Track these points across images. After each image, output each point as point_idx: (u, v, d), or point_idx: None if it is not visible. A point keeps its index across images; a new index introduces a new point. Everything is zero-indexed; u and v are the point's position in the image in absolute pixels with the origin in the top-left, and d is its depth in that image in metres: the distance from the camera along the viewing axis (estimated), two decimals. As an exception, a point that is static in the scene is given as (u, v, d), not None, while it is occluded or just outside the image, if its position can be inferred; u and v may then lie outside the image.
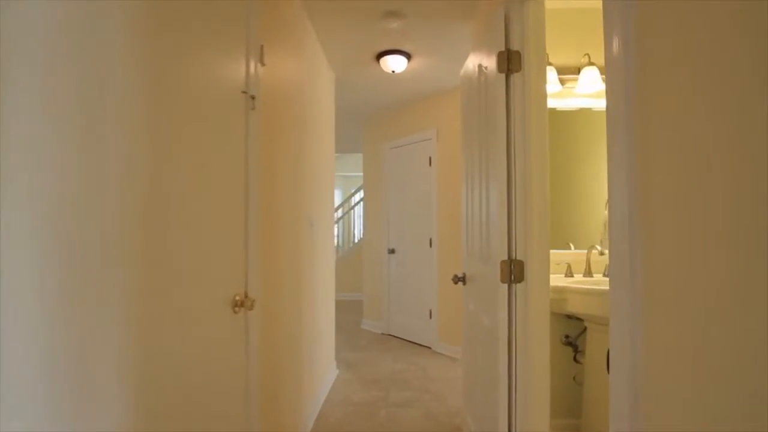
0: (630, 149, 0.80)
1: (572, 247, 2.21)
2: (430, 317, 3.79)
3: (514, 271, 1.44)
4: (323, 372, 2.77)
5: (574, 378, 2.16)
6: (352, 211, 6.82)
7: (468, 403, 2.02)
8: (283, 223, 1.91)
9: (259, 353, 1.27)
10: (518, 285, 1.45)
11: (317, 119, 2.64)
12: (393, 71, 2.84)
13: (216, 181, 1.00)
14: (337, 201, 6.72)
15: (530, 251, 1.44)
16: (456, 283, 1.98)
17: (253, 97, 1.18)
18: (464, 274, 2.02)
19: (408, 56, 2.80)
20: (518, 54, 1.45)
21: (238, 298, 1.08)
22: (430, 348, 3.80)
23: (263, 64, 1.39)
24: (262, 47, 1.34)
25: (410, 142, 3.98)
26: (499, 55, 1.47)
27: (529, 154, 1.45)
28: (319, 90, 2.70)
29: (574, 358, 2.13)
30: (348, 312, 5.41)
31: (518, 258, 1.45)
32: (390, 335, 4.25)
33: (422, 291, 3.87)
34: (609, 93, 0.86)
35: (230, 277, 1.08)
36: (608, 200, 0.89)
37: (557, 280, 1.99)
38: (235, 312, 1.07)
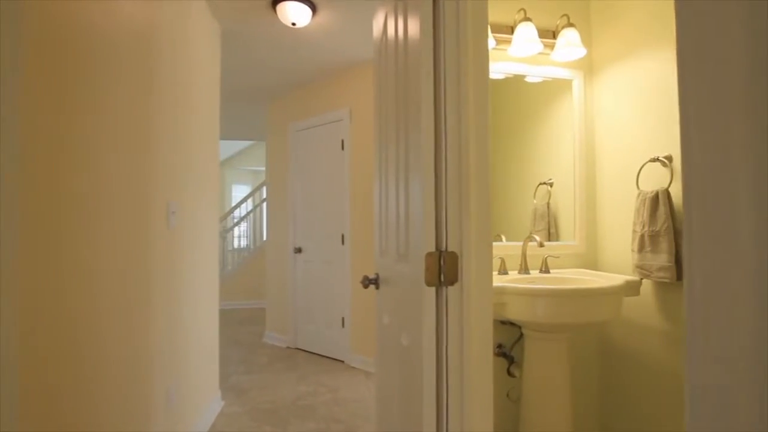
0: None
1: (504, 239, 1.87)
2: (343, 326, 3.28)
3: (444, 269, 0.99)
4: (196, 407, 2.09)
5: (507, 394, 1.80)
6: (261, 208, 6.03)
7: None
8: (103, 212, 1.25)
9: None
10: (451, 288, 0.99)
11: (187, 78, 1.97)
12: (294, 24, 2.27)
13: None
14: (247, 198, 5.89)
15: (467, 241, 1.00)
16: (366, 286, 1.49)
17: None
18: (377, 275, 1.54)
19: (312, 6, 2.26)
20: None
21: None
22: (343, 362, 3.29)
23: None
24: None
25: (320, 123, 3.43)
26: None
27: (466, 114, 1.01)
28: (191, 40, 2.03)
29: (508, 371, 1.78)
30: (251, 323, 4.67)
31: (450, 250, 0.99)
32: (297, 349, 3.64)
33: (334, 296, 3.34)
34: None
35: None
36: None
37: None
38: None
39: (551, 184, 1.92)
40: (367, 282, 1.50)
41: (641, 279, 1.59)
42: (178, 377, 1.87)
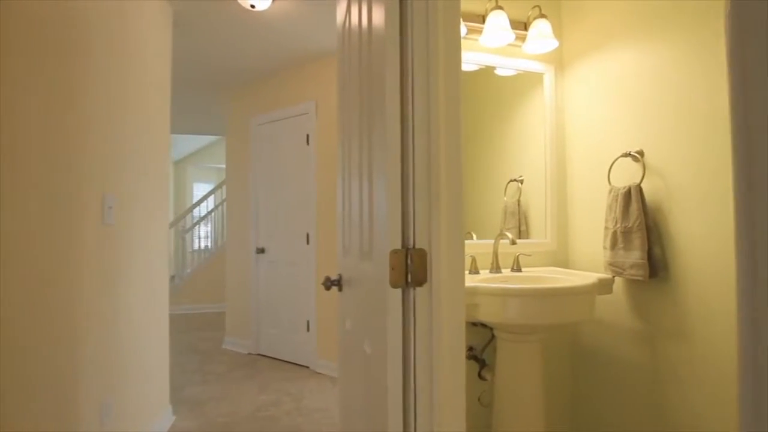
0: None
1: (475, 237, 1.79)
2: (308, 330, 3.13)
3: (411, 268, 0.88)
4: (142, 423, 1.89)
5: (479, 399, 1.72)
6: (224, 207, 5.74)
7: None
8: (17, 203, 1.06)
9: None
10: (419, 290, 0.88)
11: (125, 64, 1.77)
12: (253, 6, 2.11)
13: None
14: (210, 197, 5.57)
15: (437, 236, 0.89)
16: (328, 288, 1.36)
17: None
18: (339, 276, 1.41)
19: (272, -12, 2.10)
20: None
21: None
22: (308, 368, 3.13)
23: None
24: None
25: (284, 117, 3.26)
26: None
27: (436, 97, 0.90)
28: (131, 21, 1.83)
29: (479, 375, 1.70)
30: (211, 328, 4.41)
31: (418, 246, 0.88)
32: (259, 355, 3.45)
33: (298, 298, 3.18)
34: None
35: None
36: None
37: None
38: None
39: (522, 181, 1.86)
40: (329, 283, 1.37)
41: (614, 277, 1.55)
42: (117, 391, 1.67)
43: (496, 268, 1.65)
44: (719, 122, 1.30)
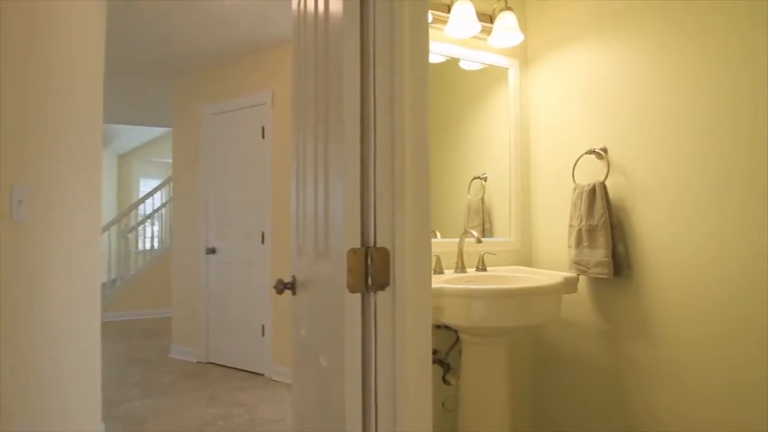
0: None
1: (439, 235, 1.71)
2: (263, 335, 2.94)
3: (372, 270, 0.77)
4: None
5: (443, 404, 1.64)
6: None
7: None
8: None
9: None
10: (381, 294, 0.78)
11: (48, 35, 1.53)
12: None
13: None
14: (157, 193, 5.17)
15: (402, 235, 0.79)
16: (280, 292, 1.23)
17: None
18: (293, 278, 1.28)
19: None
20: None
21: None
22: (263, 375, 2.94)
23: None
24: None
25: (238, 107, 3.05)
26: None
27: (400, 77, 0.80)
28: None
29: (444, 379, 1.62)
30: (158, 336, 4.09)
31: (380, 245, 0.78)
32: (209, 363, 3.21)
33: (252, 301, 2.98)
34: None
35: None
36: None
37: (426, 279, 1.43)
38: None
39: (485, 179, 1.81)
40: (281, 287, 1.23)
41: (578, 275, 1.52)
42: (36, 414, 1.44)
43: (461, 267, 1.58)
44: (681, 121, 1.30)
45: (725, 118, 1.19)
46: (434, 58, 1.71)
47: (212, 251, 3.14)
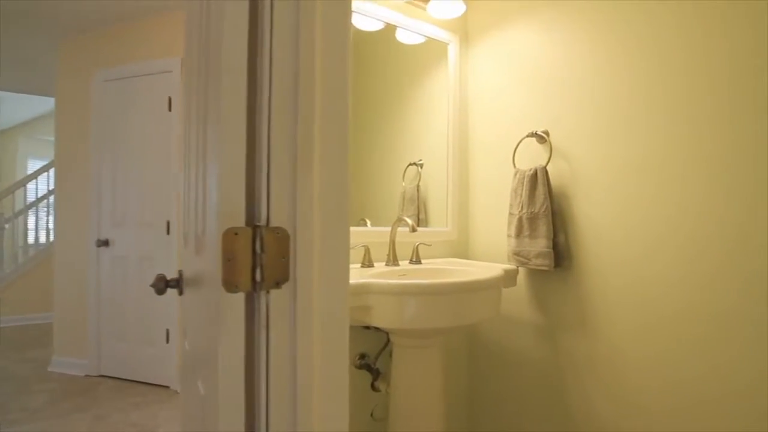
0: None
1: (369, 223, 1.51)
2: (168, 341, 2.54)
3: (263, 259, 0.53)
4: None
5: (372, 414, 1.46)
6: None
7: None
8: None
9: None
10: (276, 294, 0.54)
11: None
12: None
13: None
14: (42, 176, 4.34)
15: (309, 212, 0.56)
16: (161, 292, 0.93)
17: None
18: (180, 273, 0.99)
19: None
20: None
21: None
22: (168, 387, 2.54)
23: None
24: None
25: (139, 74, 2.59)
26: None
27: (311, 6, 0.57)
28: None
29: (372, 386, 1.43)
30: (36, 345, 3.43)
31: (274, 224, 0.54)
32: (101, 377, 2.72)
33: (155, 302, 2.56)
34: None
35: None
36: None
37: (351, 273, 1.22)
38: None
39: (421, 165, 1.65)
40: (162, 285, 0.94)
41: (518, 267, 1.41)
42: None
43: (392, 260, 1.40)
44: (621, 104, 1.22)
45: (664, 103, 1.13)
46: (367, 23, 1.50)
47: (105, 243, 2.65)
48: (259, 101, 0.55)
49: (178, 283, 0.99)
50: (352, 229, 1.43)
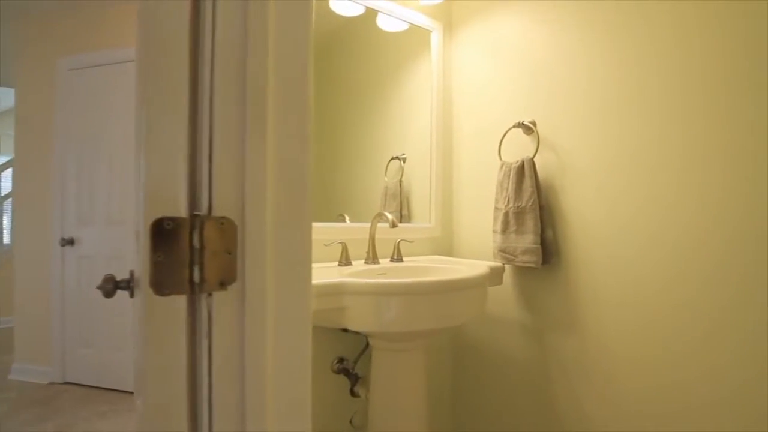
0: None
1: (348, 219, 1.42)
2: (138, 345, 2.39)
3: (204, 256, 0.44)
4: None
5: (351, 421, 1.37)
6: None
7: None
8: None
9: None
10: (220, 297, 0.45)
11: None
12: None
13: None
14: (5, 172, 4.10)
15: (259, 196, 0.47)
16: (110, 294, 0.83)
17: None
18: (131, 273, 0.89)
19: None
20: None
21: None
22: (137, 394, 2.40)
23: None
24: None
25: (109, 61, 2.44)
26: None
27: None
28: None
29: (352, 392, 1.35)
30: (1, 352, 3.23)
31: (218, 213, 0.45)
32: (67, 384, 2.56)
33: (124, 305, 2.42)
34: None
35: None
36: None
37: (326, 272, 1.13)
38: None
39: (404, 159, 1.57)
40: (110, 286, 0.83)
41: (504, 264, 1.34)
42: None
43: (372, 257, 1.31)
44: (612, 94, 1.16)
45: (658, 93, 1.07)
46: (346, 6, 1.41)
47: (70, 242, 2.49)
48: (201, 59, 0.46)
49: (128, 285, 0.88)
50: (330, 224, 1.34)
